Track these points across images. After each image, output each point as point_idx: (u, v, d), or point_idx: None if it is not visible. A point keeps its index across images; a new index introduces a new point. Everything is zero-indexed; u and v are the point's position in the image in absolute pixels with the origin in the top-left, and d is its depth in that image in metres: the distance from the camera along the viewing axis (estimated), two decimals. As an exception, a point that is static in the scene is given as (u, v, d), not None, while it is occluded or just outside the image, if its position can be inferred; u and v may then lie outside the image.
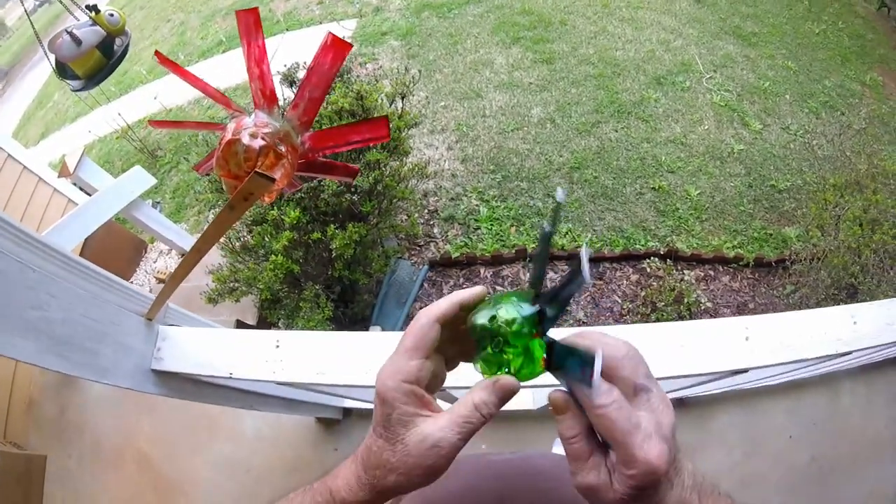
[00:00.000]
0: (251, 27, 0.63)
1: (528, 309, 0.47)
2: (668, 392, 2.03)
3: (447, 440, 0.44)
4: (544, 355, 0.47)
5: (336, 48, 0.63)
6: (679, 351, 1.06)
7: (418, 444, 0.44)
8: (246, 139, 0.64)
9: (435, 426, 0.45)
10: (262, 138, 0.64)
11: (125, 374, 1.14)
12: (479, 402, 0.46)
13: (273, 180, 0.58)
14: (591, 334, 0.48)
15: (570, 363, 0.45)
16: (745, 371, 1.12)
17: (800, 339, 1.12)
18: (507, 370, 0.47)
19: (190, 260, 0.80)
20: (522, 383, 0.48)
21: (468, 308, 0.50)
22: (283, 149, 0.66)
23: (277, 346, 1.10)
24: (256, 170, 0.58)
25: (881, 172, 3.28)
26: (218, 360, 1.15)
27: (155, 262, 4.52)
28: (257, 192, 0.60)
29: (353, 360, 1.08)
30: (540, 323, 0.47)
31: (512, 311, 0.47)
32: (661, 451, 0.41)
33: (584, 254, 0.42)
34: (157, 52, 0.70)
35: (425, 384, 0.48)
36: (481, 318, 0.48)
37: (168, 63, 0.69)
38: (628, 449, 0.41)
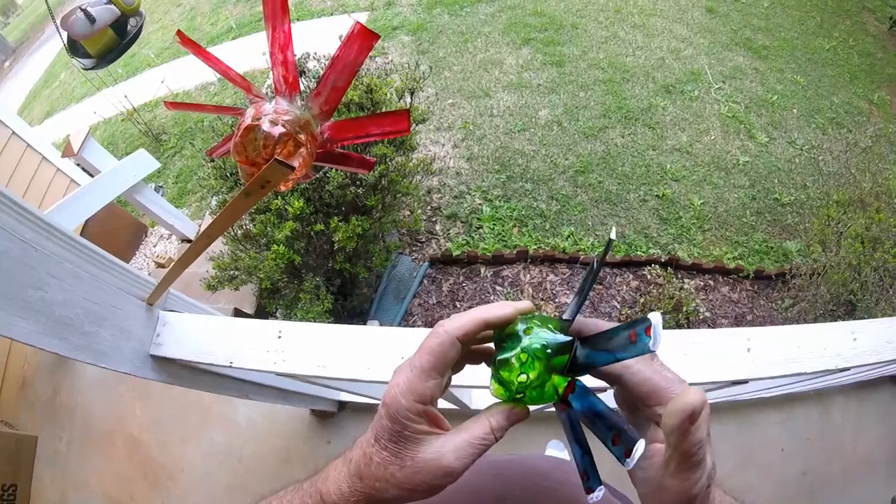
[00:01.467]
0: (278, 11, 0.62)
1: (560, 340, 0.45)
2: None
3: (461, 461, 0.44)
4: (563, 388, 0.46)
5: (363, 38, 0.62)
6: (681, 359, 1.06)
7: (429, 461, 0.44)
8: (266, 125, 0.63)
9: (450, 446, 0.44)
10: (283, 126, 0.64)
11: (124, 358, 1.14)
12: (496, 426, 0.46)
13: (292, 168, 0.57)
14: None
15: (610, 346, 0.43)
16: (745, 382, 1.12)
17: (800, 353, 1.13)
18: (522, 395, 0.46)
19: (199, 245, 0.80)
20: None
21: (493, 327, 0.47)
22: (302, 137, 0.65)
23: (279, 337, 1.09)
24: (276, 157, 0.57)
25: (885, 191, 3.28)
26: (218, 349, 1.15)
27: (155, 247, 4.51)
28: (275, 180, 0.59)
29: (355, 355, 1.07)
30: (571, 359, 0.45)
31: (543, 342, 0.45)
32: None
33: (657, 322, 0.39)
34: (178, 32, 0.70)
35: (436, 399, 0.47)
36: (507, 352, 0.45)
37: (189, 43, 0.68)
38: (678, 391, 0.42)
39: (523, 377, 0.45)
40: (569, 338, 0.45)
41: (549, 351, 0.44)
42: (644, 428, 0.45)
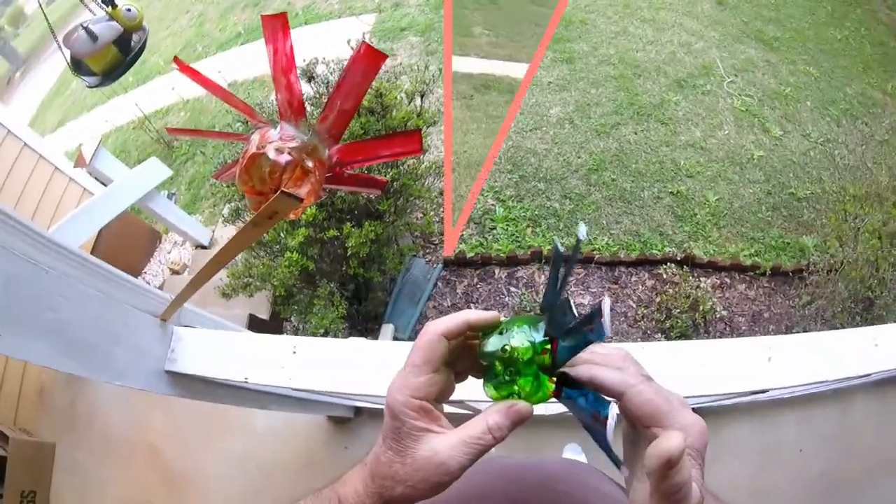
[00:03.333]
0: (278, 33, 0.60)
1: (538, 337, 0.46)
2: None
3: (456, 459, 0.44)
4: (553, 385, 0.47)
5: (369, 58, 0.60)
6: (700, 370, 1.04)
7: (427, 459, 0.45)
8: (272, 154, 0.61)
9: (445, 444, 0.45)
10: (289, 153, 0.62)
11: (139, 375, 1.14)
12: (493, 425, 0.45)
13: (300, 200, 0.56)
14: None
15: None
16: (765, 391, 1.10)
17: (822, 361, 1.11)
18: (516, 395, 0.47)
19: (209, 270, 0.79)
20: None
21: (476, 328, 0.49)
22: (310, 164, 0.63)
23: (294, 353, 1.09)
24: (283, 189, 0.56)
25: (902, 186, 3.22)
26: (233, 365, 1.15)
27: (169, 253, 4.54)
28: (283, 212, 0.58)
29: (368, 369, 1.07)
30: (552, 351, 0.46)
31: (523, 339, 0.46)
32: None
33: (606, 307, 0.42)
34: (176, 59, 0.68)
35: (434, 398, 0.48)
36: (491, 345, 0.47)
37: (189, 71, 0.66)
38: (678, 416, 0.42)
39: (507, 377, 0.47)
40: (544, 337, 0.46)
41: (531, 342, 0.46)
42: (641, 446, 0.44)
